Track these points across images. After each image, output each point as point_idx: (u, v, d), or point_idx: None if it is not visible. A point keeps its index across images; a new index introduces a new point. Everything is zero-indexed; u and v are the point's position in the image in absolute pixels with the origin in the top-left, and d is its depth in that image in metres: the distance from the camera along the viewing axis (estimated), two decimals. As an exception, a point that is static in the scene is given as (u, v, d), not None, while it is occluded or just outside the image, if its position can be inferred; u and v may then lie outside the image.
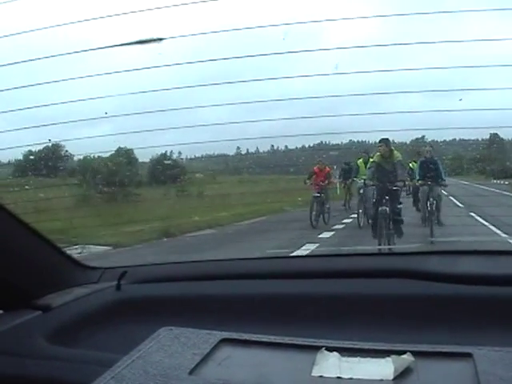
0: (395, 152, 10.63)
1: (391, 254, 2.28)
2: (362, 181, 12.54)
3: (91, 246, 10.83)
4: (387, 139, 10.70)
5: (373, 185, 10.65)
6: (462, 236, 9.49)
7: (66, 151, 21.44)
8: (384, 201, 10.09)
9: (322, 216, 13.89)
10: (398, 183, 10.22)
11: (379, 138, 10.79)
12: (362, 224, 12.87)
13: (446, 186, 12.17)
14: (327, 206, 14.13)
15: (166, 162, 19.32)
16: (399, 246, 8.80)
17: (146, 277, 1.96)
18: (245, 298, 1.75)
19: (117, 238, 11.48)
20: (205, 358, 1.09)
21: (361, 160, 13.59)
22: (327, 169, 14.72)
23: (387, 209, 9.98)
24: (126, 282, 1.86)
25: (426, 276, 1.69)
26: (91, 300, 1.76)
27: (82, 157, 19.59)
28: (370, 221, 12.27)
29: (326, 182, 14.26)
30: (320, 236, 11.73)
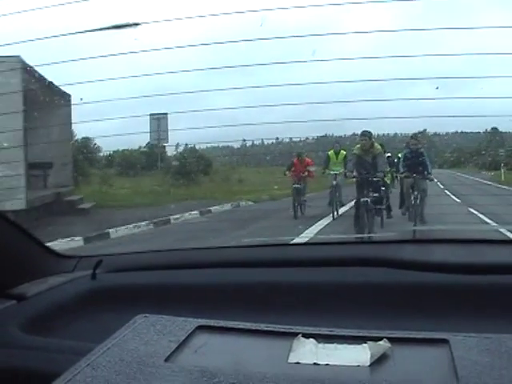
0: (376, 144, 10.78)
1: (368, 242, 2.29)
2: (333, 172, 13.07)
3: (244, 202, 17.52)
4: (369, 132, 10.79)
5: (354, 176, 10.79)
6: (440, 224, 9.65)
7: (95, 144, 23.49)
8: (365, 192, 10.24)
9: (299, 207, 14.09)
10: (379, 174, 10.32)
11: (361, 131, 10.89)
12: (335, 215, 13.03)
13: (431, 179, 11.62)
14: (304, 197, 14.30)
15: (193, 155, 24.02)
16: (376, 234, 8.87)
17: (122, 266, 1.95)
18: (221, 287, 1.74)
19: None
20: (181, 345, 1.08)
21: (332, 151, 13.74)
22: (307, 160, 14.94)
23: (368, 200, 10.13)
24: (102, 271, 1.84)
25: (401, 264, 1.70)
26: (66, 289, 1.74)
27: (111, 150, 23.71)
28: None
29: (306, 173, 14.44)
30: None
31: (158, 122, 16.60)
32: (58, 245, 8.61)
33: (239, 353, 1.07)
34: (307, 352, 1.05)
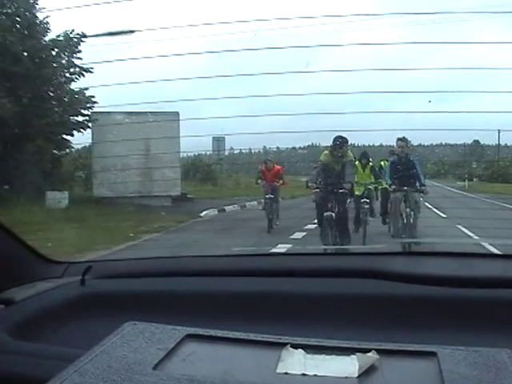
0: (348, 152, 9.54)
1: (357, 253, 2.29)
2: None
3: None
4: (345, 137, 9.46)
5: (317, 188, 9.34)
6: (429, 237, 9.42)
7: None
8: (330, 205, 9.03)
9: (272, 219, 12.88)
10: (345, 185, 9.07)
11: (334, 136, 9.41)
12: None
13: (426, 193, 9.77)
14: (275, 208, 13.18)
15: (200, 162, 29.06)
16: (365, 246, 8.78)
17: (111, 272, 1.94)
18: (210, 295, 1.74)
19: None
20: (169, 354, 1.08)
21: None
22: (276, 167, 13.57)
23: (333, 214, 8.97)
24: (91, 277, 1.83)
25: (391, 276, 1.70)
26: (55, 294, 1.74)
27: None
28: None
29: (280, 182, 13.27)
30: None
31: (218, 142, 22.45)
32: (209, 213, 17.42)
33: (228, 362, 1.06)
34: (296, 362, 1.05)
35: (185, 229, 14.19)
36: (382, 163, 12.22)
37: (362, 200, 11.27)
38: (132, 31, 16.33)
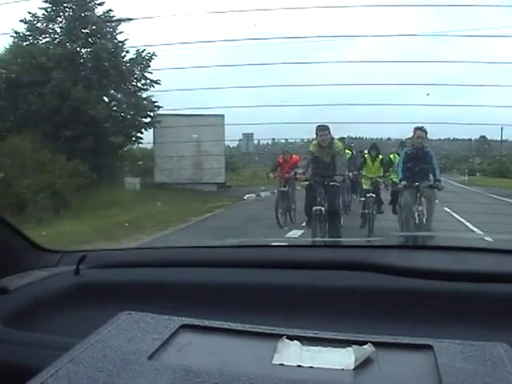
0: (336, 142, 9.17)
1: (352, 246, 2.29)
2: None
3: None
4: (328, 126, 9.06)
5: (305, 180, 9.13)
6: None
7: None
8: (319, 199, 8.68)
9: (288, 213, 12.45)
10: (337, 178, 8.69)
11: (317, 125, 9.10)
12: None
13: (440, 188, 8.92)
14: (292, 203, 12.57)
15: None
16: (361, 238, 8.69)
17: (106, 262, 1.94)
18: (206, 286, 1.74)
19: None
20: (164, 344, 1.07)
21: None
22: (294, 158, 12.88)
23: (322, 208, 8.61)
24: (85, 267, 1.83)
25: (386, 269, 1.70)
26: (49, 283, 1.73)
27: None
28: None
29: (293, 173, 11.88)
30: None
31: (247, 138, 25.83)
32: (250, 197, 20.89)
33: (223, 353, 1.06)
34: (291, 354, 1.05)
35: (239, 206, 18.28)
36: (392, 156, 11.67)
37: (368, 195, 10.93)
38: (130, 19, 16.75)
